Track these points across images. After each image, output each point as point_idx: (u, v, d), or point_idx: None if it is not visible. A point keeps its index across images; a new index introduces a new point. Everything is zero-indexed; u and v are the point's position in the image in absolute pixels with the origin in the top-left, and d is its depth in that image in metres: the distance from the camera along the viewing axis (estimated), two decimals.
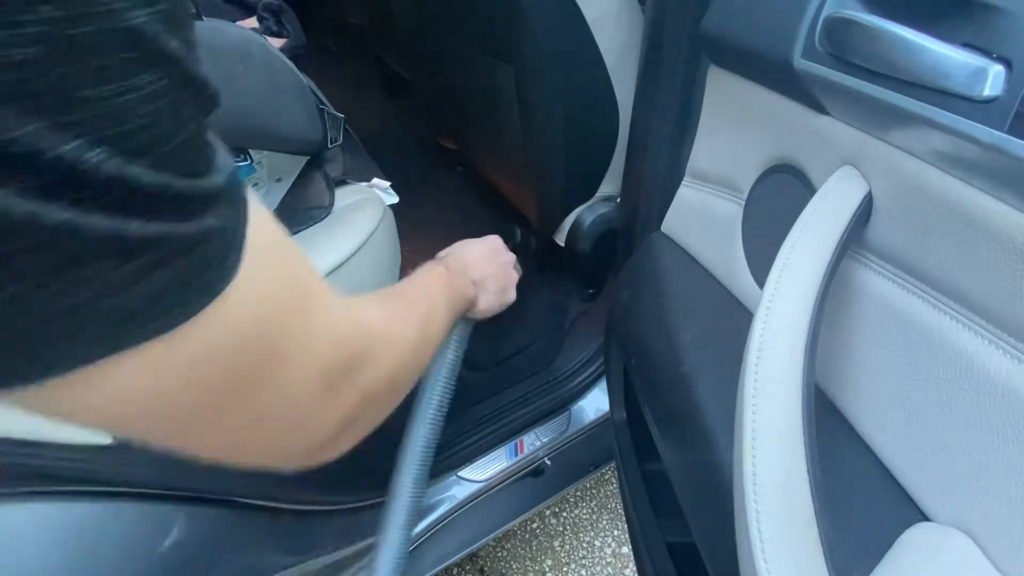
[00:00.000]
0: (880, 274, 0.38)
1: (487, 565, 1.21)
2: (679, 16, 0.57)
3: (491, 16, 0.81)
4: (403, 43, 1.16)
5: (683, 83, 0.59)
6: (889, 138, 0.37)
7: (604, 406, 1.03)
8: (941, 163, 0.33)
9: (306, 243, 0.73)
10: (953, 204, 0.32)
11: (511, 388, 1.03)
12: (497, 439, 0.98)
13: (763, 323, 0.36)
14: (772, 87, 0.47)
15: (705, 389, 0.51)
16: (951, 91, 0.31)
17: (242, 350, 0.25)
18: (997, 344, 0.30)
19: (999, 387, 0.30)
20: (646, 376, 0.63)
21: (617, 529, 1.25)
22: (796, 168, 0.46)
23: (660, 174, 0.66)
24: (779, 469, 0.32)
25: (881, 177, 0.38)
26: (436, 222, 1.31)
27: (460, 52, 0.94)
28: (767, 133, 0.49)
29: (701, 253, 0.60)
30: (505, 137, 0.94)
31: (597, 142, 0.88)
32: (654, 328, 0.60)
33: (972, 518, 0.32)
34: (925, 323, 0.35)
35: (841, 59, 0.38)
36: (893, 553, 0.34)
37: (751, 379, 0.34)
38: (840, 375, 0.42)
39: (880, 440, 0.39)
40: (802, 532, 0.31)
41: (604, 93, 0.83)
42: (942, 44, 0.32)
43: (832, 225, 0.38)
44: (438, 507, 0.93)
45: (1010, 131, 0.28)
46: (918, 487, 0.35)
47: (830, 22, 0.39)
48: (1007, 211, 0.30)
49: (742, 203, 0.53)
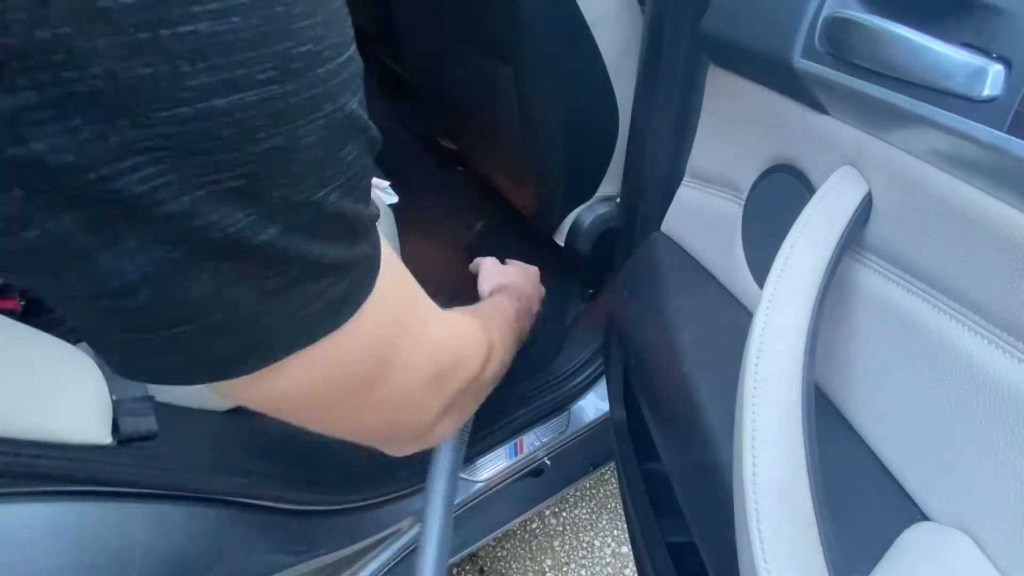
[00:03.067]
0: (880, 274, 0.38)
1: (487, 565, 1.21)
2: (679, 16, 0.57)
3: (491, 17, 0.81)
4: (403, 43, 1.16)
5: (683, 83, 0.59)
6: (889, 138, 0.37)
7: (604, 406, 1.03)
8: (941, 163, 0.33)
9: None
10: (953, 204, 0.32)
11: (510, 388, 1.03)
12: (497, 439, 0.98)
13: (763, 323, 0.36)
14: (772, 87, 0.47)
15: (705, 389, 0.51)
16: (951, 91, 0.31)
17: (371, 354, 0.30)
18: (997, 344, 0.30)
19: (999, 387, 0.30)
20: (646, 376, 0.63)
21: (617, 529, 1.25)
22: (796, 168, 0.46)
23: (660, 174, 0.66)
24: (779, 469, 0.32)
25: (881, 177, 0.38)
26: (436, 222, 1.31)
27: (459, 52, 0.94)
28: (767, 133, 0.49)
29: (701, 253, 0.60)
30: (505, 137, 0.94)
31: (597, 142, 0.88)
32: (654, 328, 0.60)
33: (972, 518, 0.32)
34: (925, 323, 0.35)
35: (841, 59, 0.38)
36: (893, 553, 0.34)
37: (751, 379, 0.34)
38: (840, 374, 0.42)
39: (880, 439, 0.39)
40: (802, 532, 0.31)
41: (604, 93, 0.83)
42: (942, 44, 0.32)
43: (832, 225, 0.38)
44: None
45: (1010, 131, 0.28)
46: (918, 486, 0.35)
47: (830, 22, 0.39)
48: (1007, 211, 0.30)
49: (742, 203, 0.53)
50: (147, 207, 0.19)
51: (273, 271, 0.23)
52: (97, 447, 0.52)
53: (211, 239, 0.21)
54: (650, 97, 0.64)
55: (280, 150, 0.21)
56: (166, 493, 0.58)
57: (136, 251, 0.20)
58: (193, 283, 0.21)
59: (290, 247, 0.23)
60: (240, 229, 0.21)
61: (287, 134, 0.21)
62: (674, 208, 0.65)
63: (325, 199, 0.23)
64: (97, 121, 0.17)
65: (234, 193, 0.20)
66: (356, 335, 0.28)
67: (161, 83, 0.18)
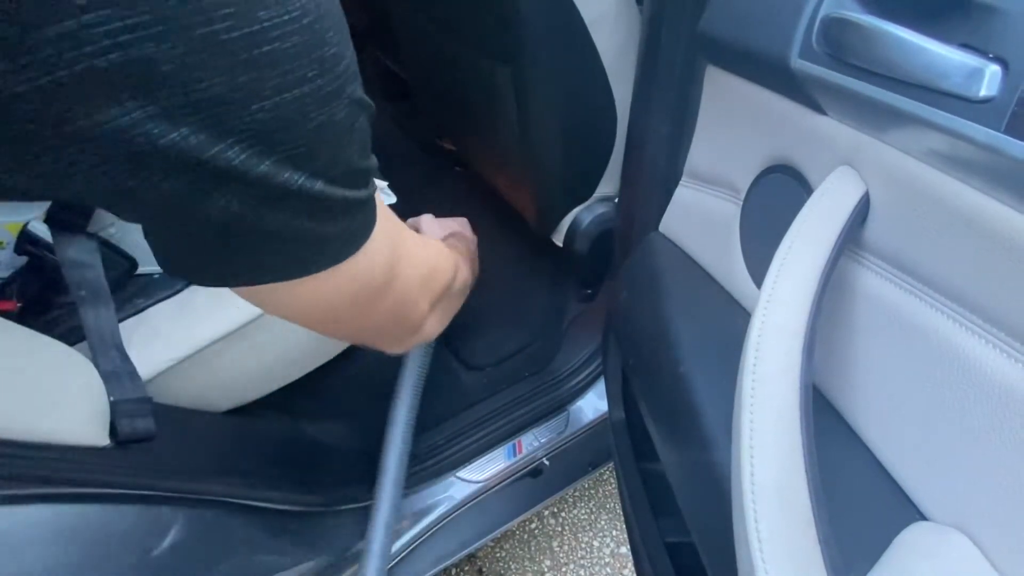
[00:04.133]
0: (878, 274, 0.38)
1: (485, 566, 1.21)
2: (676, 16, 0.57)
3: (489, 17, 0.81)
4: (401, 44, 1.16)
5: (681, 83, 0.59)
6: (886, 138, 0.37)
7: (603, 406, 1.03)
8: (938, 163, 0.33)
9: None
10: (950, 204, 0.33)
11: (509, 388, 1.03)
12: (495, 439, 0.98)
13: (760, 323, 0.36)
14: (769, 87, 0.47)
15: (703, 389, 0.51)
16: (948, 91, 0.31)
17: (382, 267, 0.40)
18: (994, 344, 0.30)
19: (995, 386, 0.30)
20: (644, 376, 0.63)
21: (616, 529, 1.25)
22: (793, 168, 0.46)
23: (658, 174, 0.66)
24: (777, 469, 0.32)
25: (878, 177, 0.38)
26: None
27: (458, 53, 0.94)
28: (764, 133, 0.49)
29: (699, 253, 0.60)
30: (503, 137, 0.94)
31: (595, 142, 0.88)
32: (652, 328, 0.60)
33: (970, 518, 0.32)
34: (923, 323, 0.35)
35: (838, 59, 0.38)
36: (891, 553, 0.34)
37: (749, 379, 0.34)
38: (838, 375, 0.42)
39: (878, 440, 0.39)
40: (800, 532, 0.31)
41: (602, 93, 0.83)
42: (939, 44, 0.32)
43: (829, 225, 0.38)
44: (436, 508, 0.93)
45: (1007, 131, 0.28)
46: (916, 487, 0.36)
47: (827, 22, 0.39)
48: (1004, 211, 0.30)
49: (740, 203, 0.53)
50: (242, 172, 0.27)
51: (322, 208, 0.31)
52: (94, 448, 0.52)
53: (284, 189, 0.29)
54: (648, 97, 0.64)
55: (324, 125, 0.29)
56: (164, 494, 0.58)
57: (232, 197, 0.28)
58: (268, 218, 0.30)
59: (332, 193, 0.31)
60: (301, 183, 0.29)
61: (327, 114, 0.29)
62: (672, 208, 0.65)
63: (351, 158, 0.32)
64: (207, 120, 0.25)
65: (297, 158, 0.28)
66: (369, 254, 0.37)
67: (255, 86, 0.25)
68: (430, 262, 0.50)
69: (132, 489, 0.55)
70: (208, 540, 0.63)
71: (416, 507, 0.92)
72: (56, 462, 0.48)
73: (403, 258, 0.43)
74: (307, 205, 0.31)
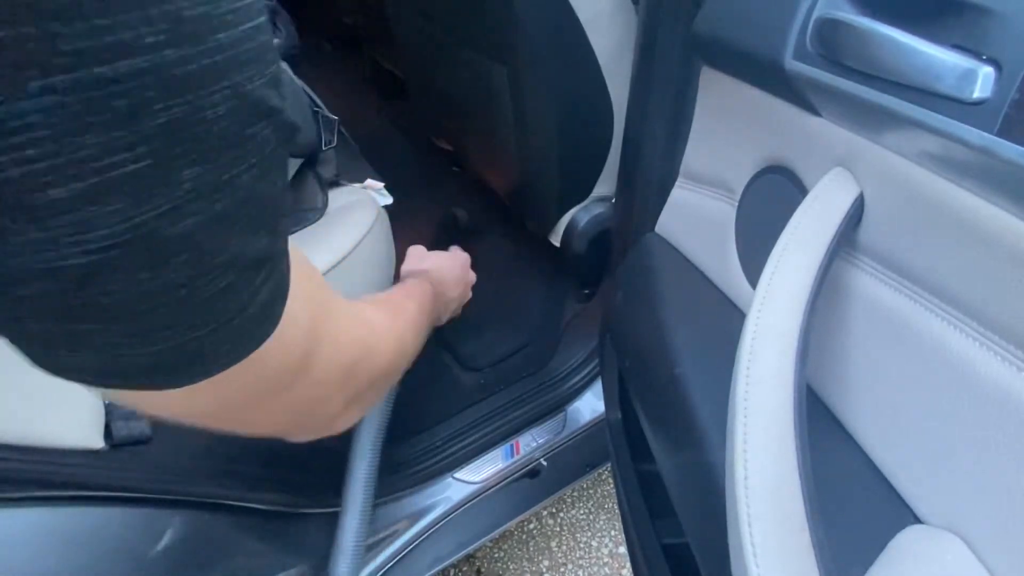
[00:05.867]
0: (872, 276, 0.38)
1: (484, 566, 1.21)
2: (672, 17, 0.57)
3: (485, 17, 0.81)
4: (398, 44, 1.16)
5: (677, 84, 0.59)
6: (880, 140, 0.37)
7: (600, 407, 1.03)
8: (932, 165, 0.33)
9: (300, 245, 0.73)
10: (944, 206, 0.32)
11: (506, 389, 1.03)
12: (493, 440, 0.98)
13: (755, 325, 0.36)
14: (764, 88, 0.47)
15: (698, 391, 0.51)
16: (941, 93, 0.31)
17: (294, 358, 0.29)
18: (988, 346, 0.30)
19: (989, 389, 0.30)
20: (640, 377, 0.63)
21: (614, 529, 1.25)
22: (788, 169, 0.46)
23: (654, 175, 0.65)
24: (771, 472, 0.32)
25: (873, 179, 0.38)
26: (431, 223, 1.31)
27: (454, 53, 0.94)
28: (760, 134, 0.49)
29: (695, 254, 0.60)
30: (500, 138, 0.94)
31: (592, 143, 0.88)
32: (648, 329, 0.60)
33: (965, 521, 0.32)
34: (917, 325, 0.35)
35: (832, 60, 0.38)
36: (885, 556, 0.34)
37: (743, 381, 0.34)
38: (833, 377, 0.42)
39: (873, 442, 0.39)
40: (794, 536, 0.31)
41: (598, 94, 0.82)
42: (932, 46, 0.32)
43: (824, 227, 0.38)
44: (434, 509, 0.93)
45: (1000, 133, 0.28)
46: (911, 490, 0.35)
47: (821, 23, 0.39)
48: (997, 213, 0.29)
49: (735, 204, 0.53)
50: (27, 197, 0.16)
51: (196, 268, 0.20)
52: (89, 451, 0.52)
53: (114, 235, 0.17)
54: (644, 98, 0.63)
55: (182, 123, 0.18)
56: (159, 497, 0.58)
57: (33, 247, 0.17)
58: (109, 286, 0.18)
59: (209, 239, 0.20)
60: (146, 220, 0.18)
61: (187, 105, 0.18)
62: (668, 209, 0.65)
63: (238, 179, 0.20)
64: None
65: (134, 177, 0.17)
66: (281, 340, 0.26)
67: (28, 47, 0.15)
68: (361, 346, 0.38)
69: (127, 492, 0.55)
70: (204, 543, 0.63)
71: (414, 508, 0.92)
72: (51, 465, 0.48)
73: (325, 340, 0.32)
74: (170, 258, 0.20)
